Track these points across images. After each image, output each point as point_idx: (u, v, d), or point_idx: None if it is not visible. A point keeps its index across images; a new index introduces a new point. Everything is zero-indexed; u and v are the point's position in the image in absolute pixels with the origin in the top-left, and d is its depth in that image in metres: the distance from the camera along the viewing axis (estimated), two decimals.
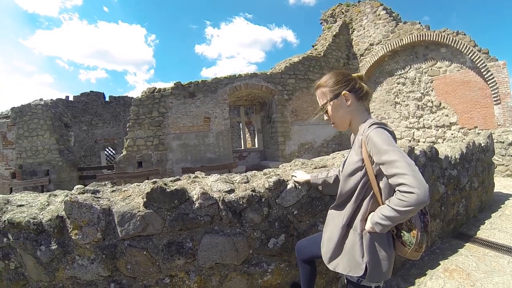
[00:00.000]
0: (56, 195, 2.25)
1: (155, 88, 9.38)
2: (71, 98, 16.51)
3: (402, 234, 1.41)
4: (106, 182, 2.20)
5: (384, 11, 10.60)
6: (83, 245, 1.90)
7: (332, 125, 1.59)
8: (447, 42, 8.68)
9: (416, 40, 9.53)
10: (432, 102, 9.62)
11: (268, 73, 10.39)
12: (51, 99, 10.86)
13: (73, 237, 1.90)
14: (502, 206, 4.90)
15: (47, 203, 2.16)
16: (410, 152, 3.12)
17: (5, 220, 2.06)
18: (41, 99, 10.57)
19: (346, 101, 1.50)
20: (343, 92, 1.49)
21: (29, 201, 2.30)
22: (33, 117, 10.13)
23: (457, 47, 8.47)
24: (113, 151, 17.08)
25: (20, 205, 2.24)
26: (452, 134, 9.11)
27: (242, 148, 12.71)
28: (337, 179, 1.88)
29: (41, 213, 2.06)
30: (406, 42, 9.78)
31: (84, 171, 10.78)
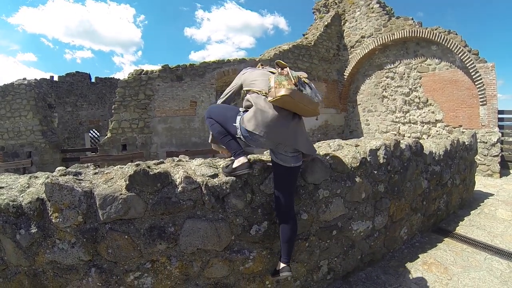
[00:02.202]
0: (37, 177, 2.20)
1: (142, 70, 9.19)
2: (55, 78, 16.07)
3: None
4: (89, 164, 2.16)
5: (378, 5, 10.55)
6: (64, 228, 1.86)
7: None
8: (438, 40, 8.70)
9: (407, 35, 9.53)
10: (419, 98, 9.69)
11: (256, 60, 10.19)
12: (35, 79, 10.46)
13: (53, 220, 1.85)
14: (481, 204, 5.01)
15: (27, 185, 2.10)
16: (396, 146, 3.16)
17: None
18: (24, 79, 10.20)
19: None
20: None
21: (9, 183, 2.24)
22: (16, 97, 9.80)
23: (448, 46, 8.52)
24: (98, 133, 16.74)
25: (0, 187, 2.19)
26: (437, 131, 9.22)
27: None
28: None
29: (21, 195, 2.00)
30: (398, 37, 9.77)
31: (68, 153, 10.46)
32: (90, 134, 16.73)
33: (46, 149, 9.72)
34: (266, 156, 2.46)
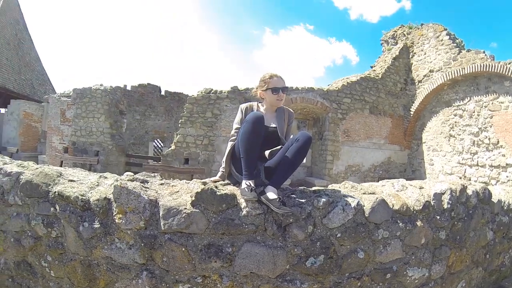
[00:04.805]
0: (106, 177, 2.35)
1: (211, 89, 9.41)
2: (128, 87, 16.84)
3: None
4: (155, 174, 2.27)
5: (448, 37, 10.00)
6: (125, 230, 1.97)
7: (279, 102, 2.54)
8: (511, 75, 8.10)
9: (478, 70, 8.87)
10: (489, 139, 8.90)
11: (324, 90, 10.18)
12: (111, 86, 11.42)
13: (116, 221, 1.97)
14: None
15: (97, 183, 2.26)
16: (462, 191, 2.96)
17: (55, 191, 2.18)
18: (101, 85, 11.19)
19: None
20: None
21: (80, 178, 2.41)
22: (92, 100, 10.78)
23: None
24: (162, 144, 17.32)
25: (71, 180, 2.35)
26: (507, 176, 8.41)
27: None
28: None
29: (90, 191, 2.16)
30: (468, 72, 9.13)
31: (131, 158, 11.23)
32: (154, 143, 17.39)
33: (112, 151, 10.47)
34: (330, 190, 2.40)
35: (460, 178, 9.40)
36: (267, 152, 2.31)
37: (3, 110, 16.20)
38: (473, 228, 3.11)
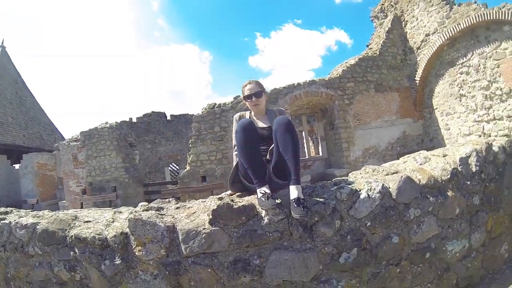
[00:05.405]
0: (121, 212, 2.33)
1: (215, 104, 9.46)
2: (134, 120, 17.10)
3: None
4: (170, 199, 2.24)
5: None
6: (147, 261, 1.92)
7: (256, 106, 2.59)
8: (509, 19, 7.58)
9: (474, 22, 8.47)
10: (501, 89, 8.44)
11: (326, 79, 10.10)
12: (116, 122, 11.65)
13: (136, 253, 1.92)
14: None
15: (112, 219, 2.24)
16: (488, 150, 2.81)
17: (72, 235, 2.17)
18: (106, 122, 11.42)
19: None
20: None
21: (96, 217, 2.41)
22: (100, 139, 10.99)
23: None
24: (177, 167, 17.46)
25: (87, 221, 2.35)
26: None
27: (306, 157, 12.35)
28: None
29: (106, 229, 2.13)
30: (464, 26, 8.73)
31: (149, 186, 11.36)
32: (169, 168, 17.57)
33: (129, 184, 10.61)
34: (351, 179, 2.31)
35: (480, 136, 9.06)
36: (268, 156, 2.27)
37: (17, 166, 16.61)
38: (506, 186, 2.94)
